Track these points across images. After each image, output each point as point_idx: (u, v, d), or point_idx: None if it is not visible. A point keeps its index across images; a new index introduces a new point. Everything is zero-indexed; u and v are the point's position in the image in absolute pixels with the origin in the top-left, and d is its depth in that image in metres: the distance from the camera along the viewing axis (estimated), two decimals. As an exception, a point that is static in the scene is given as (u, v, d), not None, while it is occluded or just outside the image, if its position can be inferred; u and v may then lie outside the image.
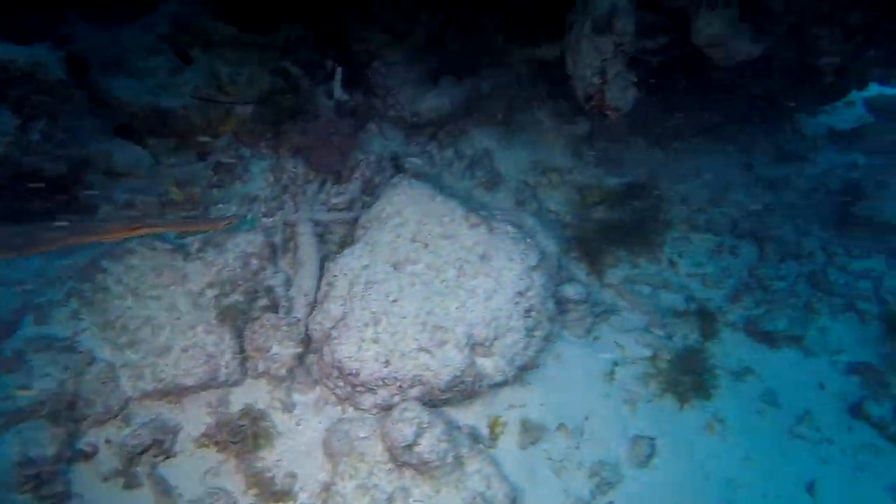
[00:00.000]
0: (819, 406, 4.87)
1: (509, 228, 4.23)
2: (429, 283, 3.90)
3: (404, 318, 3.70)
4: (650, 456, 4.31)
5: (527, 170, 6.51)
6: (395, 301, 3.77)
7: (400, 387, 3.62)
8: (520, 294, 3.93)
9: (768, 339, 5.29)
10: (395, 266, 3.97)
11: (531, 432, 4.12)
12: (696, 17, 3.89)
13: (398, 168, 5.71)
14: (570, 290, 4.79)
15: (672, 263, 5.89)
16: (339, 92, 5.74)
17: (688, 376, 4.88)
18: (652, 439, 4.40)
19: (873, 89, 7.77)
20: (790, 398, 4.92)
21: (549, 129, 6.93)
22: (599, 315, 5.14)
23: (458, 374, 3.63)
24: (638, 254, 5.91)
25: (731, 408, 4.79)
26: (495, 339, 3.84)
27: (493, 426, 3.98)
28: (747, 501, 4.25)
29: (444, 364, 3.59)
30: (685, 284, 5.73)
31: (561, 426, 4.32)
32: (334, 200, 4.97)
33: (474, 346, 3.77)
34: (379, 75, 5.85)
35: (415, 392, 3.63)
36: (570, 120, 7.03)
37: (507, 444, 4.06)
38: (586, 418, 4.44)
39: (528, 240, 4.22)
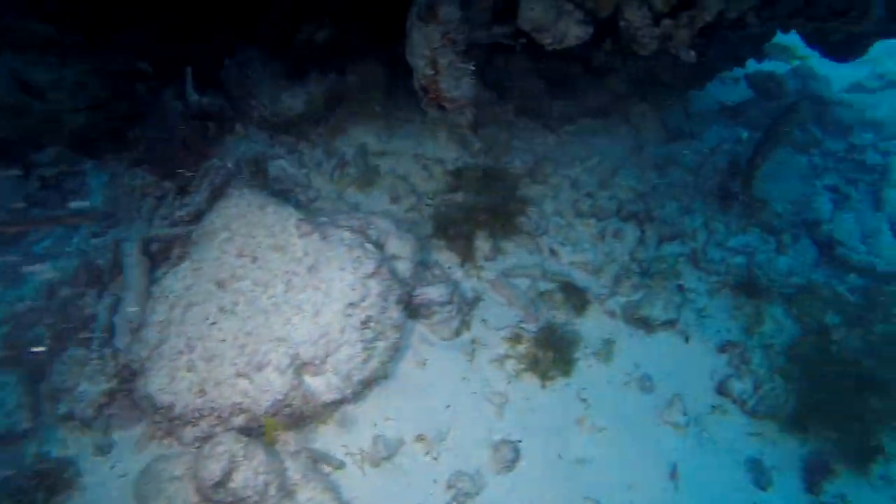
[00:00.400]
0: (689, 388, 4.83)
1: (346, 235, 3.97)
2: (254, 300, 3.62)
3: (223, 341, 3.42)
4: (514, 460, 4.17)
5: (407, 164, 6.26)
6: (213, 324, 3.48)
7: (220, 417, 3.35)
8: (352, 305, 3.69)
9: (645, 324, 5.22)
10: (220, 284, 3.67)
11: (382, 447, 3.91)
12: (521, 1, 3.68)
13: (259, 172, 5.38)
14: (433, 292, 4.59)
15: (553, 252, 5.75)
16: (191, 94, 5.35)
17: (559, 369, 4.77)
18: (517, 442, 4.26)
19: (752, 66, 7.84)
20: (663, 383, 4.86)
21: (432, 120, 6.67)
22: (470, 313, 4.98)
23: (281, 397, 3.37)
24: (518, 244, 5.76)
25: (603, 397, 4.70)
26: (327, 356, 3.59)
27: (333, 447, 3.75)
28: (612, 496, 4.16)
29: (263, 389, 3.34)
30: (566, 273, 5.60)
31: (419, 437, 4.13)
32: (179, 213, 4.62)
33: (302, 365, 3.52)
34: (233, 74, 5.48)
35: (239, 420, 3.36)
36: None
37: (355, 463, 3.84)
38: (449, 425, 4.28)
39: (367, 245, 3.97)
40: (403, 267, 4.37)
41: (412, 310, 4.65)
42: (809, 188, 6.58)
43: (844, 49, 5.37)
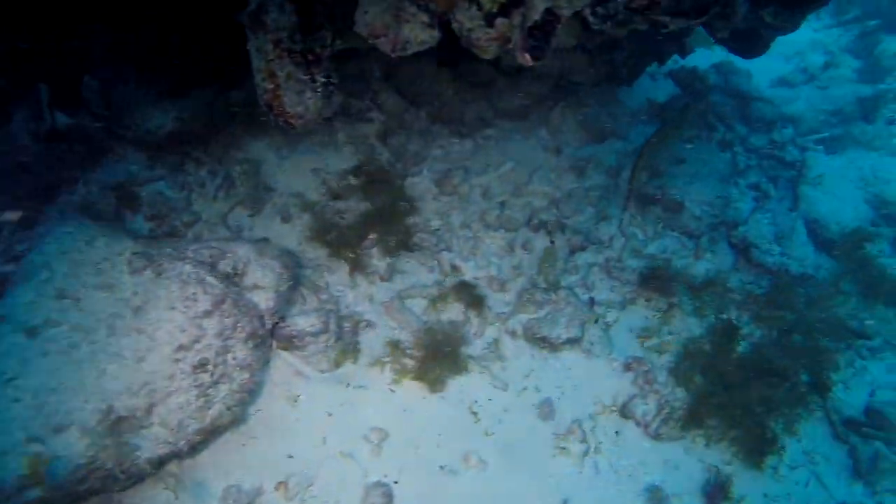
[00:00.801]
0: (590, 413, 4.52)
1: (186, 269, 3.59)
2: (69, 349, 3.24)
3: (17, 401, 3.04)
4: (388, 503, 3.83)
5: (304, 179, 5.90)
6: (11, 380, 3.10)
7: (8, 495, 2.96)
8: (182, 348, 3.32)
9: (548, 344, 4.90)
10: (30, 332, 3.29)
11: (234, 500, 3.55)
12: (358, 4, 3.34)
13: (126, 198, 4.99)
14: (302, 322, 4.23)
15: (455, 268, 5.42)
16: (47, 115, 4.95)
17: (448, 399, 4.43)
18: (392, 485, 3.92)
19: (677, 61, 7.59)
20: (563, 408, 4.55)
21: (338, 130, 6.32)
22: (355, 341, 4.63)
23: (84, 461, 3.00)
24: (419, 262, 5.42)
25: (496, 429, 4.37)
26: (151, 407, 3.22)
27: (170, 507, 3.38)
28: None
29: (57, 455, 2.96)
30: (466, 291, 5.27)
31: (280, 484, 3.77)
32: (19, 249, 4.22)
33: (118, 421, 3.14)
34: (95, 91, 5.09)
35: (36, 493, 2.98)
36: (363, 117, 6.49)
37: (201, 522, 3.47)
38: (318, 467, 3.92)
39: (208, 279, 3.60)
40: (265, 297, 4.01)
41: (285, 341, 4.29)
42: (732, 187, 6.32)
43: (746, 45, 5.10)
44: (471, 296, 5.16)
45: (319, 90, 3.64)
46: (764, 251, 5.60)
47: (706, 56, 8.12)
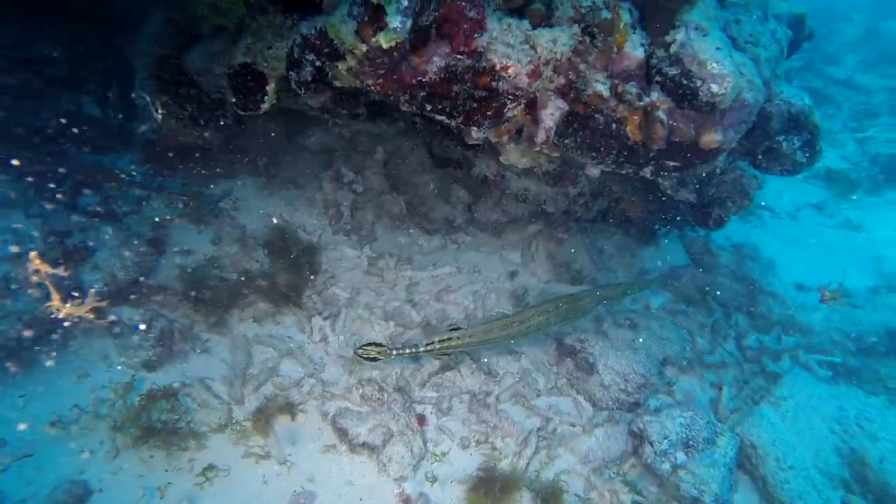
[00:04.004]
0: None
1: None
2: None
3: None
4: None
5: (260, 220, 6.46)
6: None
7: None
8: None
9: (347, 440, 4.53)
10: None
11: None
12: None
13: None
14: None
15: (323, 338, 5.36)
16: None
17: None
18: None
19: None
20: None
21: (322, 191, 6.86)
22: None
23: None
24: (297, 320, 5.48)
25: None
26: None
27: None
28: None
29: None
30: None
31: None
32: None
33: None
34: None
35: None
36: (347, 186, 6.94)
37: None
38: None
39: None
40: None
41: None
42: (673, 370, 5.35)
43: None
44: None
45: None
46: (659, 454, 4.60)
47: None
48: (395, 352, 4.25)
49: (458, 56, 3.02)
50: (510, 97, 3.20)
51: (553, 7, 3.28)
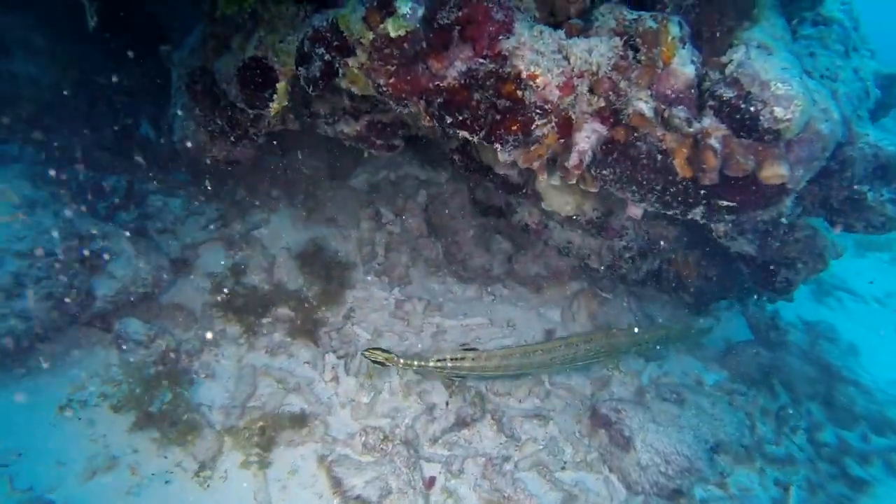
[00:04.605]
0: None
1: None
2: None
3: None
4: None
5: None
6: None
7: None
8: None
9: (340, 490, 4.03)
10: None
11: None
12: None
13: None
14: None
15: (335, 377, 4.97)
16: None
17: None
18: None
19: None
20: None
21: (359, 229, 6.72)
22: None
23: None
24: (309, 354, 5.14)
25: None
26: None
27: None
28: None
29: None
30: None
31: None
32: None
33: None
34: None
35: None
36: (382, 226, 6.76)
37: None
38: None
39: None
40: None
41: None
42: (726, 458, 4.54)
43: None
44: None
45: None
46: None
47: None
48: (402, 361, 4.14)
49: (481, 60, 2.77)
50: (538, 111, 2.89)
51: (593, 18, 3.01)
